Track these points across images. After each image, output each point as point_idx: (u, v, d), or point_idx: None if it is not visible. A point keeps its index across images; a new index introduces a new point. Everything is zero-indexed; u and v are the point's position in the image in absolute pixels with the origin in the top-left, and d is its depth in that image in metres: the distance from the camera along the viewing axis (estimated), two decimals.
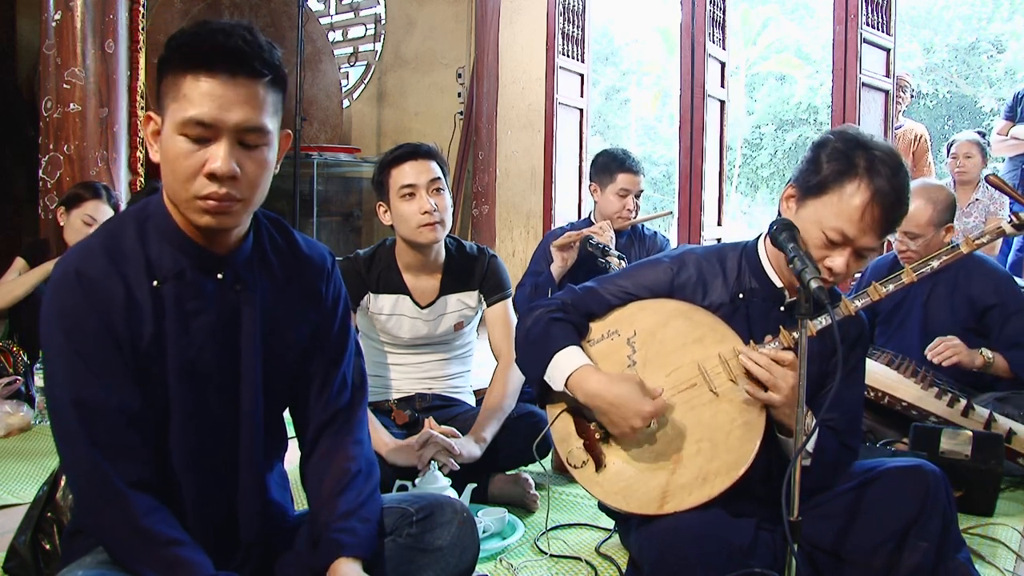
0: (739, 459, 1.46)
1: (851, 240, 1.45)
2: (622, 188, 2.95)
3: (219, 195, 1.12)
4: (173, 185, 1.15)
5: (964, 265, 2.69)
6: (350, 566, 1.22)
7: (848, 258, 1.46)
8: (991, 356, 2.49)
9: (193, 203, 1.14)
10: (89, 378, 1.13)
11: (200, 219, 1.15)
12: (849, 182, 1.45)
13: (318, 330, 1.34)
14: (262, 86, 1.14)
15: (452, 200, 2.21)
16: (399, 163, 2.15)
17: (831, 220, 1.45)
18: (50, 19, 3.49)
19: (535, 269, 3.00)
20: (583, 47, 5.98)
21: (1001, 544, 1.97)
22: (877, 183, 1.43)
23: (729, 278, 1.60)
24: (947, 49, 17.87)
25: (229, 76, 1.11)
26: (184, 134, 1.11)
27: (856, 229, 1.44)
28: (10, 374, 2.94)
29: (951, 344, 2.47)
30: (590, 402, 1.50)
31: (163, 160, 1.15)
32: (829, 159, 1.47)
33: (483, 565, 1.79)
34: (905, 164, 1.49)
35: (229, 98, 1.11)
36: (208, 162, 1.12)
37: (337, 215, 6.56)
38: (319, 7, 7.05)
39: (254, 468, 1.27)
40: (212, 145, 1.12)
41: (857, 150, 1.46)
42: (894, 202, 1.44)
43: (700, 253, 1.65)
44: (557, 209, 5.76)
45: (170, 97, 1.12)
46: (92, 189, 3.10)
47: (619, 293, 1.62)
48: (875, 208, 1.43)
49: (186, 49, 1.11)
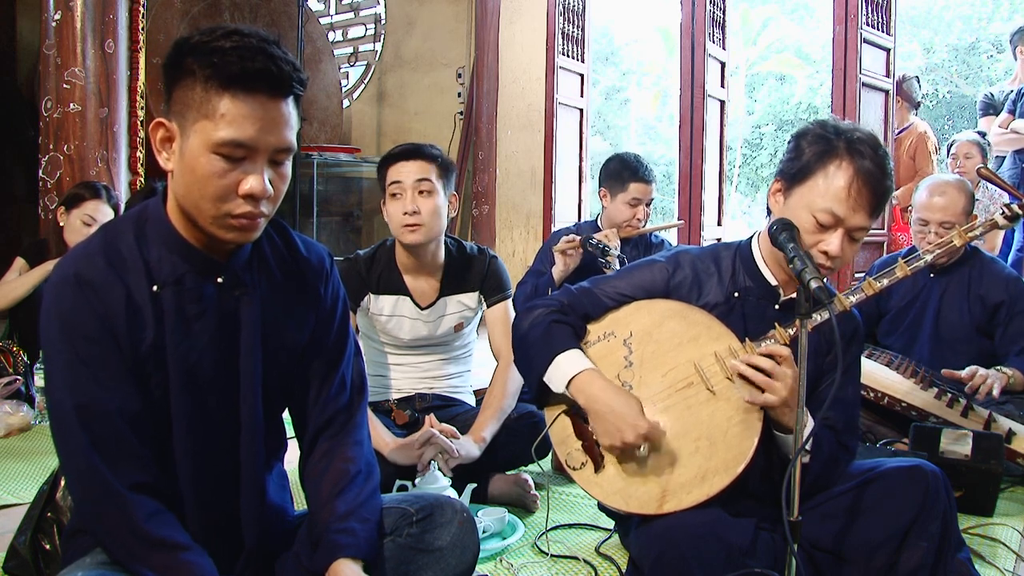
0: (738, 457, 1.46)
1: (842, 220, 1.47)
2: (633, 197, 2.85)
3: (255, 214, 1.13)
4: (200, 203, 1.12)
5: (975, 265, 2.69)
6: (349, 567, 1.22)
7: (842, 240, 1.48)
8: (1011, 373, 2.45)
9: (223, 221, 1.13)
10: (89, 381, 1.13)
11: (226, 235, 1.15)
12: (831, 162, 1.48)
13: (317, 331, 1.34)
14: (291, 103, 1.14)
15: (447, 202, 2.18)
16: (393, 162, 2.16)
17: (819, 202, 1.47)
18: (50, 19, 3.50)
19: (538, 268, 2.97)
20: (583, 47, 5.98)
21: (1001, 544, 1.97)
22: (859, 160, 1.46)
23: (724, 277, 1.61)
24: (947, 49, 17.86)
25: (268, 98, 1.10)
26: (220, 153, 1.09)
27: (845, 208, 1.46)
28: (10, 374, 2.94)
29: (983, 375, 2.38)
30: (590, 405, 1.50)
31: (188, 175, 1.12)
32: (810, 144, 1.51)
33: (483, 565, 1.79)
34: (884, 146, 1.51)
35: (269, 120, 1.11)
36: (245, 183, 1.11)
37: (337, 215, 6.56)
38: (319, 7, 7.06)
39: (254, 469, 1.27)
40: (246, 164, 1.11)
41: (836, 133, 1.49)
42: (879, 178, 1.47)
43: (695, 253, 1.66)
44: (557, 209, 5.76)
45: (198, 111, 1.09)
46: (92, 189, 3.10)
47: (615, 295, 1.62)
48: (861, 184, 1.46)
49: (225, 66, 1.08)
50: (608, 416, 1.47)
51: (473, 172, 5.92)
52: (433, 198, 2.12)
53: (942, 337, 2.67)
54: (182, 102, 1.11)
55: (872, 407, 2.57)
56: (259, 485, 1.28)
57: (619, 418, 1.46)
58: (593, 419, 1.51)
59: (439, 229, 2.15)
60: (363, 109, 6.86)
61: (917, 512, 1.45)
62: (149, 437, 1.17)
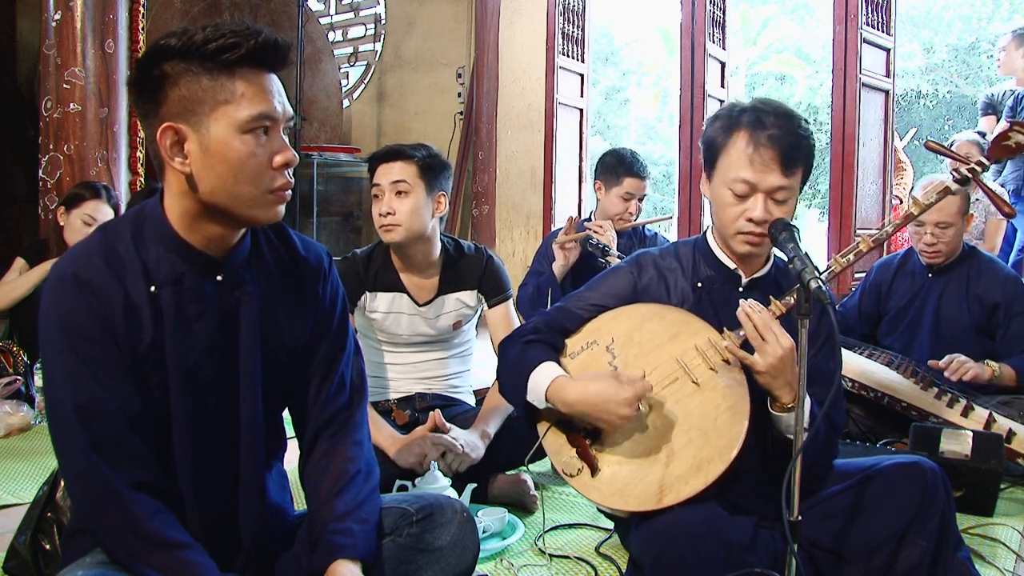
0: (730, 442, 1.47)
1: (755, 184, 1.51)
2: (627, 191, 2.95)
3: (290, 184, 1.18)
4: (238, 188, 1.14)
5: (973, 264, 2.71)
6: (348, 567, 1.22)
7: (764, 203, 1.52)
8: (997, 367, 2.51)
9: (264, 199, 1.17)
10: (89, 381, 1.13)
11: (267, 213, 1.19)
12: (735, 133, 1.54)
13: (316, 331, 1.34)
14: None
15: (433, 202, 2.18)
16: (375, 164, 2.20)
17: (730, 174, 1.54)
18: (50, 19, 3.49)
19: (537, 269, 2.99)
20: (583, 47, 5.97)
21: (1001, 544, 1.97)
22: (756, 124, 1.51)
23: (687, 270, 1.67)
24: (947, 49, 17.85)
25: (269, 71, 1.17)
26: (250, 131, 1.13)
27: (753, 172, 1.51)
28: (10, 374, 2.94)
29: (962, 360, 2.50)
30: (572, 409, 1.52)
31: (221, 165, 1.13)
32: (716, 126, 1.58)
33: (483, 565, 1.79)
34: (780, 104, 1.56)
35: (277, 91, 1.18)
36: (278, 155, 1.16)
37: (337, 215, 6.56)
38: (319, 7, 7.05)
39: (254, 469, 1.27)
40: (271, 137, 1.16)
41: (737, 111, 1.56)
42: (780, 135, 1.50)
43: (655, 253, 1.72)
44: (557, 209, 5.76)
45: (214, 100, 1.12)
46: (92, 189, 3.10)
47: (587, 306, 1.68)
48: (761, 145, 1.50)
49: (224, 51, 1.11)
50: (593, 411, 1.49)
51: (473, 172, 5.92)
52: (410, 199, 2.14)
53: (942, 337, 2.67)
54: (186, 100, 1.12)
55: (872, 407, 2.57)
56: (259, 485, 1.28)
57: (604, 404, 1.47)
58: (583, 417, 1.53)
59: (419, 228, 2.16)
60: (363, 109, 6.86)
61: (916, 510, 1.46)
62: (149, 437, 1.17)
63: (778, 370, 1.46)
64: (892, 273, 2.89)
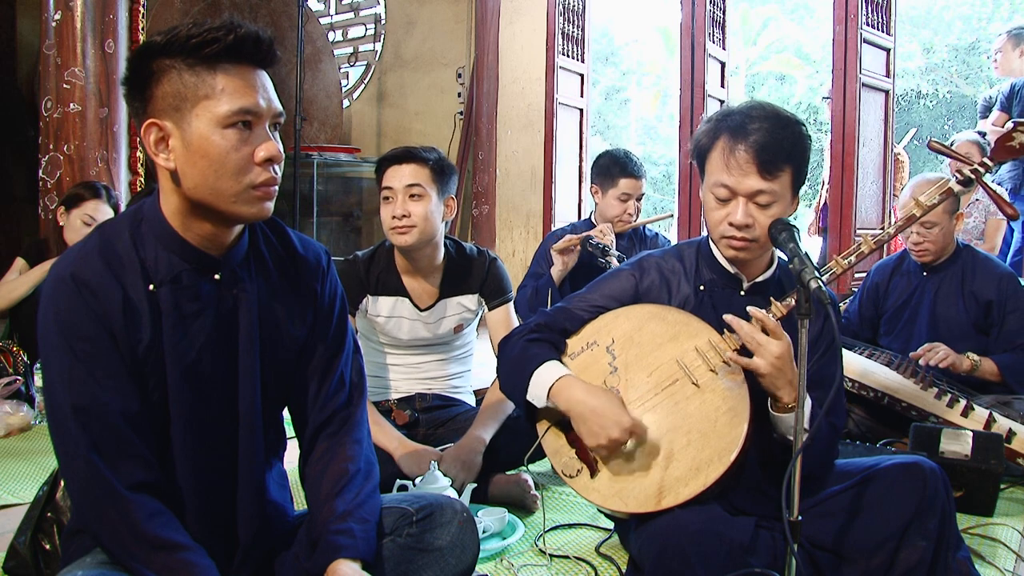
0: (729, 444, 1.47)
1: (733, 189, 1.52)
2: (623, 192, 2.93)
3: (275, 180, 1.17)
4: (220, 184, 1.14)
5: (967, 262, 2.71)
6: (349, 567, 1.22)
7: (744, 208, 1.52)
8: (977, 360, 2.53)
9: (247, 195, 1.16)
10: (88, 381, 1.13)
11: (251, 209, 1.17)
12: (717, 141, 1.55)
13: (315, 329, 1.34)
14: (266, 75, 1.18)
15: (443, 206, 2.18)
16: (386, 165, 2.17)
17: (712, 177, 1.55)
18: (50, 19, 3.49)
19: (536, 271, 2.99)
20: (583, 47, 5.97)
21: (1001, 544, 1.97)
22: (732, 130, 1.52)
23: (689, 273, 1.67)
24: (947, 49, 17.84)
25: (253, 66, 1.16)
26: (231, 125, 1.13)
27: (729, 176, 1.51)
28: (10, 374, 2.94)
29: (938, 347, 2.54)
30: (572, 409, 1.52)
31: (201, 161, 1.13)
32: (703, 130, 1.59)
33: (483, 565, 1.79)
34: (769, 106, 1.56)
35: (262, 86, 1.16)
36: (260, 150, 1.15)
37: (337, 215, 6.55)
38: (319, 7, 7.05)
39: (253, 468, 1.27)
40: (255, 133, 1.15)
41: (719, 117, 1.57)
42: (760, 138, 1.50)
43: (658, 255, 1.71)
44: (557, 209, 5.76)
45: (195, 96, 1.12)
46: (92, 189, 3.10)
47: (588, 307, 1.67)
48: (739, 149, 1.50)
49: (204, 46, 1.11)
50: (590, 417, 1.49)
51: (473, 172, 5.92)
52: (424, 202, 2.12)
53: (939, 334, 2.68)
54: (170, 97, 1.12)
55: (872, 407, 2.57)
56: (257, 483, 1.28)
57: (601, 416, 1.48)
58: (576, 422, 1.52)
59: (431, 232, 2.15)
60: (363, 109, 6.86)
61: (916, 510, 1.45)
62: (148, 436, 1.17)
63: (779, 370, 1.46)
64: (889, 274, 2.90)
